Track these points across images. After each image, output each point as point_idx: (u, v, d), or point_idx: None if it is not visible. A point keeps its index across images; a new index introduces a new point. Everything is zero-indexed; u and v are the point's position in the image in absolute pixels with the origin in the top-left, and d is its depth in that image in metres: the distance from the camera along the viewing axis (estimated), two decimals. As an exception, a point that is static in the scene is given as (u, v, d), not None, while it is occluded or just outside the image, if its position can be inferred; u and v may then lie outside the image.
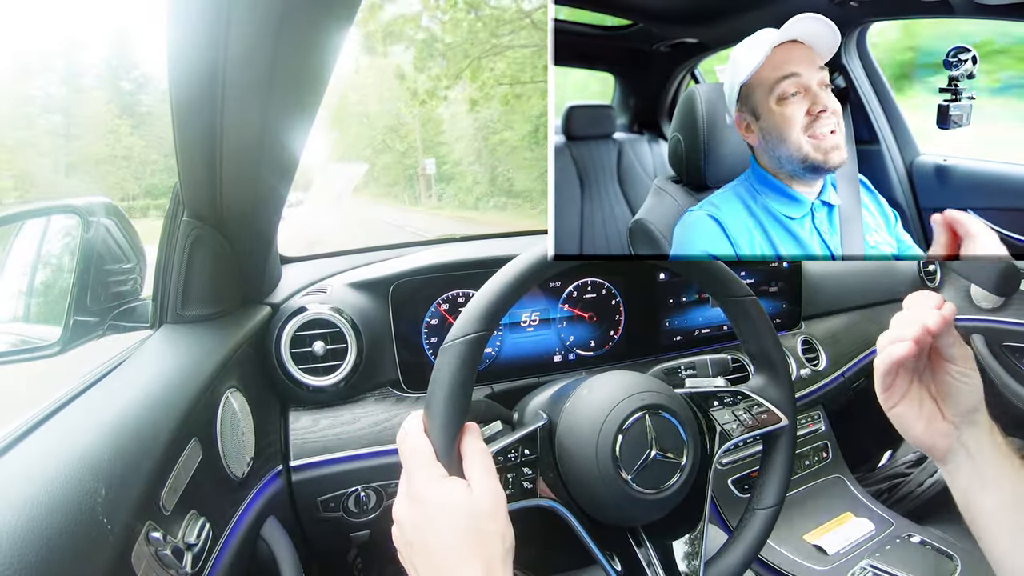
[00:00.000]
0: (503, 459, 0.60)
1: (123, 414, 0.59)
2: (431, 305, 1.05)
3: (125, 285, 0.84)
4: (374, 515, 0.97)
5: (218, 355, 0.77)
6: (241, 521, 0.75)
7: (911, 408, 0.63)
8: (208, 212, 0.80)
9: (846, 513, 1.26)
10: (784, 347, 0.93)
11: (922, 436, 0.63)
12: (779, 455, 0.70)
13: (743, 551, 0.67)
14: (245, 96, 0.62)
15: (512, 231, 1.51)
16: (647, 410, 0.61)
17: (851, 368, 1.42)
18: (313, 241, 6.94)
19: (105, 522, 0.47)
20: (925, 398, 0.63)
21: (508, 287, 0.57)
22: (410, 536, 0.52)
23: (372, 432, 0.96)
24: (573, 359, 1.15)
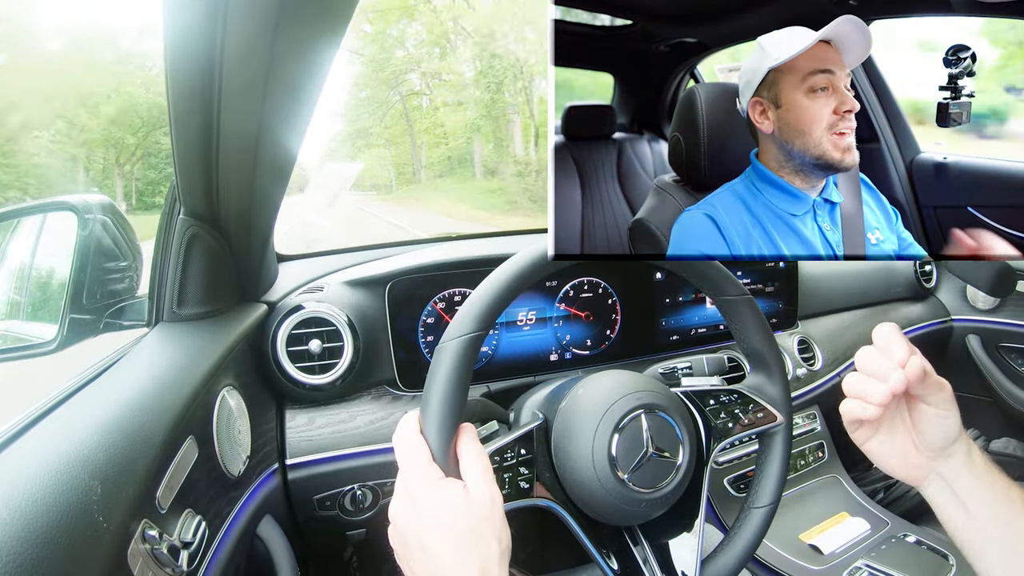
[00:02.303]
0: (499, 459, 0.60)
1: (119, 412, 0.59)
2: (427, 304, 1.05)
3: (121, 283, 0.83)
4: (370, 513, 0.97)
5: (214, 353, 0.77)
6: (237, 519, 0.75)
7: (883, 445, 0.62)
8: (205, 210, 0.80)
9: (842, 513, 1.26)
10: (780, 346, 0.93)
11: (896, 468, 0.63)
12: (775, 454, 0.70)
13: (739, 550, 0.67)
14: (242, 94, 0.62)
15: (510, 230, 1.51)
16: (643, 409, 0.61)
17: (847, 368, 1.42)
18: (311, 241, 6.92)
19: (101, 520, 0.47)
20: (898, 434, 0.62)
21: (505, 287, 0.57)
22: (406, 537, 0.52)
23: (368, 431, 0.96)
24: (569, 358, 1.15)
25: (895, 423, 0.62)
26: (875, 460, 0.63)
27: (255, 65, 0.58)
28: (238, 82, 0.60)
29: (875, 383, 0.57)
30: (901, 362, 0.55)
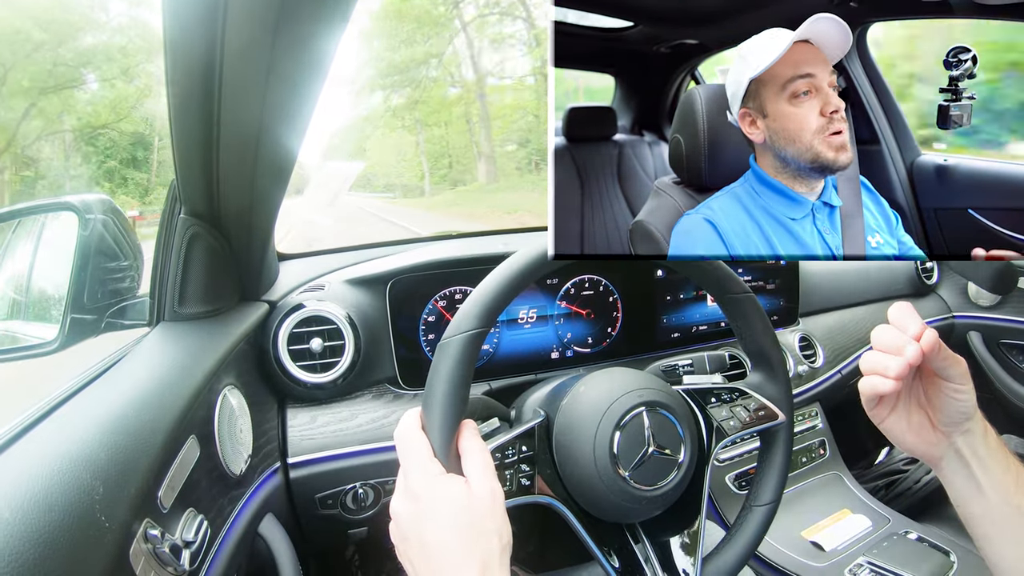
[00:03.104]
0: (501, 456, 0.60)
1: (121, 412, 0.59)
2: (428, 302, 1.05)
3: (122, 282, 0.83)
4: (372, 512, 0.98)
5: (215, 352, 0.77)
6: (239, 518, 0.75)
7: (900, 421, 0.63)
8: (205, 209, 0.80)
9: (843, 510, 1.26)
10: (782, 344, 0.93)
11: (914, 445, 0.63)
12: (776, 452, 0.70)
13: (740, 548, 0.68)
14: (242, 93, 0.62)
15: (510, 228, 1.51)
16: (645, 407, 0.61)
17: (848, 365, 1.42)
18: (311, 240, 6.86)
19: (103, 520, 0.47)
20: (914, 410, 0.62)
21: (506, 284, 0.57)
22: (407, 533, 0.52)
23: (370, 429, 0.96)
24: (571, 356, 1.15)
25: (911, 400, 0.62)
26: (894, 438, 0.64)
27: (255, 63, 0.58)
28: (238, 80, 0.60)
29: (892, 357, 0.57)
30: (916, 335, 0.56)
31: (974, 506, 0.61)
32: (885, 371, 0.57)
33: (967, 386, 0.59)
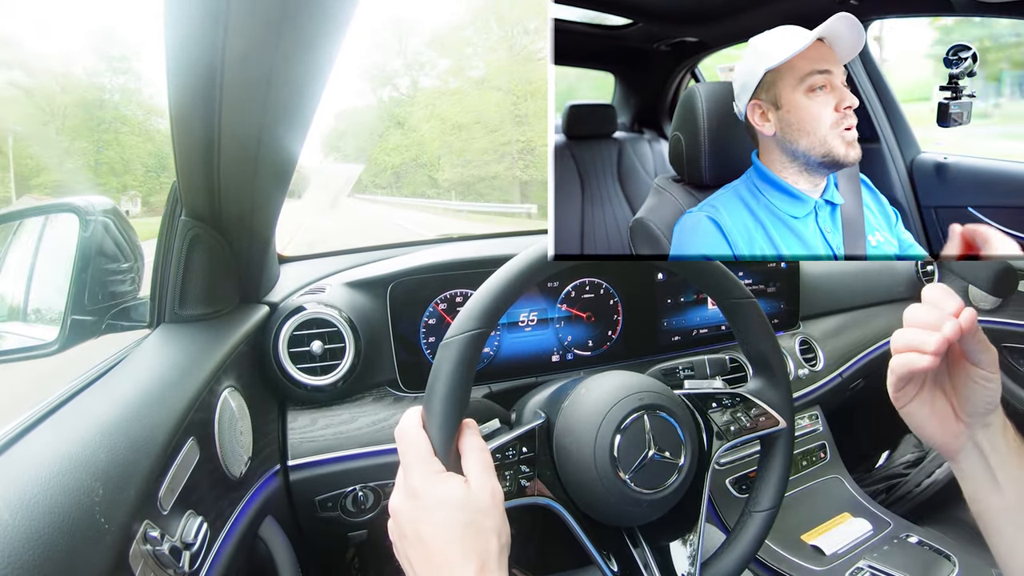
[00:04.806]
0: (501, 456, 0.60)
1: (121, 413, 0.59)
2: (429, 305, 1.05)
3: (123, 284, 0.83)
4: (372, 515, 0.97)
5: (216, 354, 0.77)
6: (239, 520, 0.75)
7: (923, 407, 0.61)
8: (206, 211, 0.80)
9: (844, 513, 1.26)
10: (782, 347, 0.93)
11: (934, 435, 0.62)
12: (777, 458, 0.70)
13: (739, 554, 0.67)
14: (243, 96, 0.62)
15: (511, 231, 1.51)
16: (645, 410, 0.61)
17: (849, 368, 1.42)
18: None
19: (103, 521, 0.47)
20: (938, 397, 0.61)
21: (508, 285, 0.58)
22: (406, 530, 0.52)
23: (370, 432, 0.96)
24: (571, 359, 1.15)
25: (936, 387, 0.62)
26: (914, 425, 0.63)
27: (257, 66, 0.58)
28: (240, 83, 0.60)
29: (929, 333, 0.56)
30: (955, 312, 0.55)
31: (990, 501, 0.60)
32: (922, 346, 0.56)
33: (996, 375, 0.58)
